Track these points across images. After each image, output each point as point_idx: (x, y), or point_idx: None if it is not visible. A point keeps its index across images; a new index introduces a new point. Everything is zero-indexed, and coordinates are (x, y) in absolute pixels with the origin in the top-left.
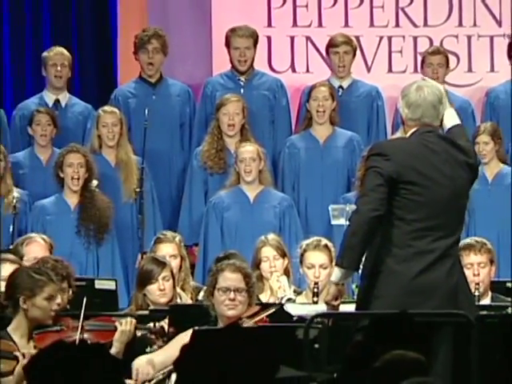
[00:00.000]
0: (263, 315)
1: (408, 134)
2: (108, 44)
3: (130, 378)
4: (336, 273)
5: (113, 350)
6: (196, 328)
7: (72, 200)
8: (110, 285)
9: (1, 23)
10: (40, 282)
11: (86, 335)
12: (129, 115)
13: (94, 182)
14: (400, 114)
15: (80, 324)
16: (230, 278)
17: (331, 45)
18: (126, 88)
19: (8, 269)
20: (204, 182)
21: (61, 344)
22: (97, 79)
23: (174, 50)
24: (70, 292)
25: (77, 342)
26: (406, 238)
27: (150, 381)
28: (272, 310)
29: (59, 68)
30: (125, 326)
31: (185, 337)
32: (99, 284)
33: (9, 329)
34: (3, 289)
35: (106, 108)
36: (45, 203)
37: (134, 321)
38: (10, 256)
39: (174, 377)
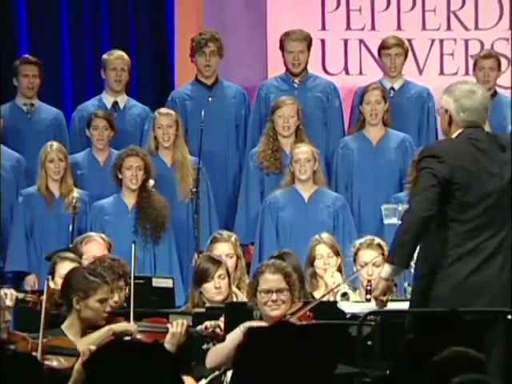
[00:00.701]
0: (305, 310)
1: (455, 134)
2: (165, 46)
3: (187, 374)
4: (386, 269)
5: None
6: (250, 326)
7: (129, 200)
8: (167, 283)
9: (60, 25)
10: (94, 284)
11: (138, 336)
12: (185, 117)
13: (151, 182)
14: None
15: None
16: (270, 280)
17: (383, 47)
18: (183, 90)
19: (67, 267)
20: (260, 182)
21: (119, 341)
22: (154, 81)
23: (230, 53)
24: (127, 290)
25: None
26: (458, 239)
27: (206, 377)
28: (313, 304)
29: (119, 73)
30: (176, 328)
31: (238, 331)
32: (156, 282)
33: (63, 326)
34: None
35: (162, 110)
36: (103, 203)
37: (185, 323)
38: (70, 255)
39: (229, 374)
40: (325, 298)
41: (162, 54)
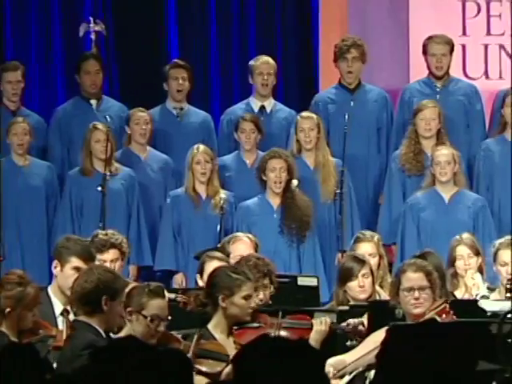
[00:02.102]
0: (443, 305)
1: None
2: (310, 51)
3: None
4: None
5: None
6: (393, 324)
7: (274, 201)
8: (312, 281)
9: (209, 31)
10: (238, 281)
11: (282, 332)
12: (328, 120)
13: (295, 182)
14: None
15: (278, 322)
16: (412, 278)
17: None
18: (326, 94)
19: (216, 266)
20: (402, 184)
21: (267, 339)
22: (299, 85)
23: (373, 58)
24: (272, 288)
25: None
26: None
27: (350, 373)
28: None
29: (265, 77)
30: (320, 325)
31: (378, 335)
32: (302, 281)
33: (209, 326)
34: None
35: (303, 114)
36: (249, 204)
37: (329, 321)
38: (218, 254)
39: (373, 371)
40: (464, 298)
41: (307, 58)
